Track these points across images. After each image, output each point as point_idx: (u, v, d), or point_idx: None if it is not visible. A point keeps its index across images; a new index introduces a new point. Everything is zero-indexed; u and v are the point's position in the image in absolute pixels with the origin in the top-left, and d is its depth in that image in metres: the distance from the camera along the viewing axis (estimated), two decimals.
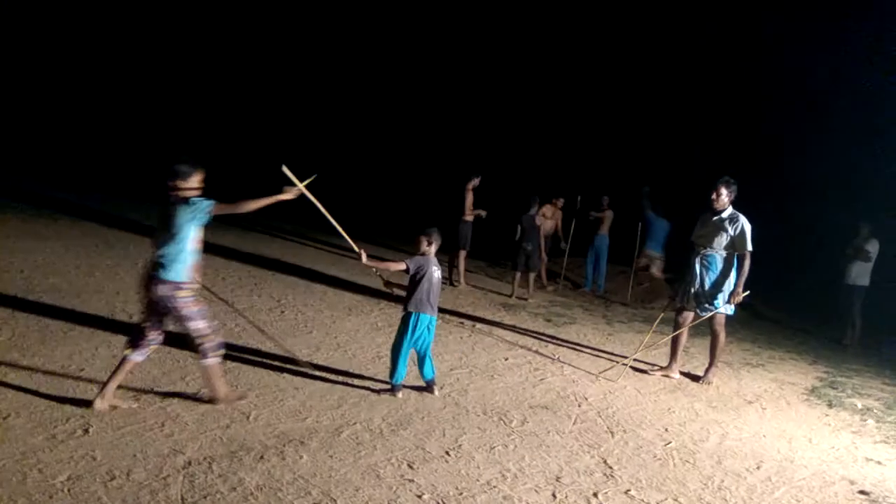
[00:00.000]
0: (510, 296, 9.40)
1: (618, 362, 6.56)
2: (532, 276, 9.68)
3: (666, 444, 4.63)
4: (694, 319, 6.34)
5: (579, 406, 5.21)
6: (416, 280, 4.92)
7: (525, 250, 9.49)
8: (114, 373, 4.10)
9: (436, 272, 5.00)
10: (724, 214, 6.12)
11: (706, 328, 6.53)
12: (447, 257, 9.43)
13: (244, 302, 6.92)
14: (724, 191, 6.11)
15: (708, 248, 6.16)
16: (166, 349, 5.23)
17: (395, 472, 3.74)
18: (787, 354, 8.14)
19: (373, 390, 4.97)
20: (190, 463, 3.56)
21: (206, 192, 4.13)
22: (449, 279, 9.49)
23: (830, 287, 9.88)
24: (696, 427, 5.09)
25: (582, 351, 6.97)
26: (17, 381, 4.30)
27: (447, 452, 4.08)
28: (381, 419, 4.47)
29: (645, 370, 6.46)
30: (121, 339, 5.30)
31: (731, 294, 6.09)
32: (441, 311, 7.85)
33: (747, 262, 6.01)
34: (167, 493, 3.24)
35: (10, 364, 4.55)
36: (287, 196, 4.28)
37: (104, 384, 4.10)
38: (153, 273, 4.01)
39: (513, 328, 7.55)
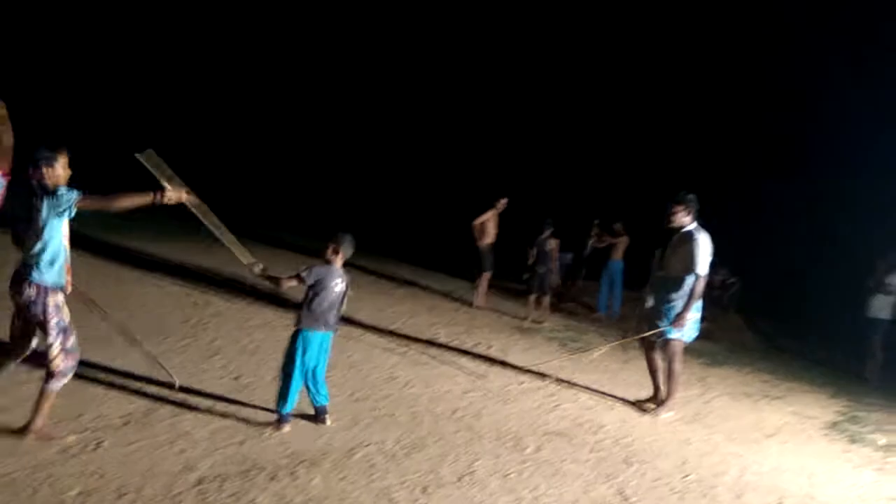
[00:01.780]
0: (525, 318, 9.33)
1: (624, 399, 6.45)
2: (546, 299, 9.62)
3: (684, 477, 4.53)
4: (654, 344, 5.86)
5: (595, 434, 5.12)
6: (312, 292, 4.36)
7: (539, 274, 9.46)
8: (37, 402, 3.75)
9: (338, 285, 4.43)
10: (682, 232, 5.67)
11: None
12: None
13: (258, 318, 6.89)
14: (678, 209, 5.65)
15: (664, 270, 5.77)
16: (182, 359, 5.24)
17: (408, 497, 3.68)
18: (807, 386, 7.99)
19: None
20: (201, 481, 3.52)
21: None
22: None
23: (855, 318, 9.71)
24: (714, 460, 4.98)
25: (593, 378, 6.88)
26: (32, 393, 4.29)
27: (461, 478, 4.02)
28: (393, 442, 4.41)
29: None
30: (137, 351, 5.31)
31: (677, 317, 5.59)
32: (455, 332, 7.82)
33: (698, 284, 5.50)
34: None
35: (27, 373, 4.54)
36: (169, 199, 3.75)
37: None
38: (24, 274, 3.61)
39: (528, 352, 7.48)
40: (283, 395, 4.35)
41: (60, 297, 3.70)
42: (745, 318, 11.89)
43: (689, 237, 5.59)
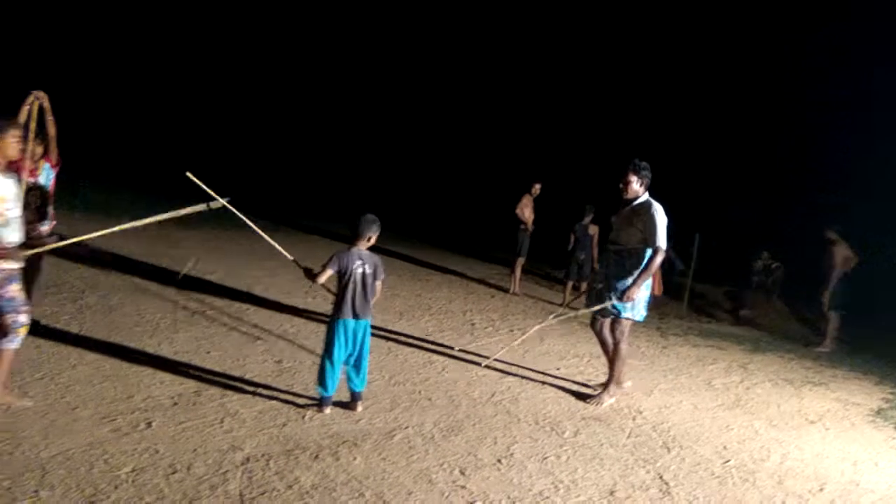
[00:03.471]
0: (562, 305, 9.31)
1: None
2: (585, 286, 9.57)
3: (724, 462, 4.51)
4: (602, 324, 5.46)
5: (633, 419, 5.11)
6: (341, 280, 4.37)
7: (578, 259, 9.41)
8: None
9: (359, 269, 4.38)
10: (635, 204, 5.27)
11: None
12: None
13: (300, 302, 7.03)
14: (632, 177, 5.25)
15: (617, 244, 5.31)
16: (224, 344, 5.39)
17: (447, 478, 3.74)
18: (850, 373, 7.82)
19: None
20: (248, 459, 3.64)
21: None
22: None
23: None
24: (755, 445, 4.93)
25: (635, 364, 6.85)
26: (87, 373, 4.47)
27: (499, 460, 4.06)
28: (432, 424, 4.48)
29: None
30: (184, 336, 5.48)
31: (626, 289, 5.14)
32: (492, 319, 7.85)
33: (657, 258, 5.08)
34: (226, 489, 3.31)
35: (79, 356, 4.73)
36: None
37: None
38: None
39: (564, 337, 7.47)
40: (322, 379, 4.40)
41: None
42: (788, 305, 11.65)
43: (646, 208, 5.19)
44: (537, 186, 9.49)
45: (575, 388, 5.67)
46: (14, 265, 3.77)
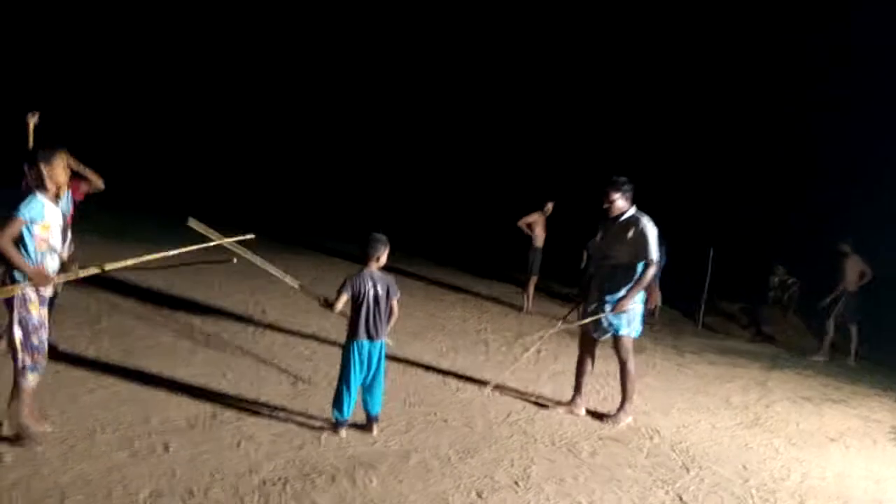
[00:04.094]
0: (572, 322, 9.26)
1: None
2: None
3: (745, 482, 4.45)
4: (594, 344, 5.43)
5: (651, 439, 5.06)
6: (355, 302, 4.39)
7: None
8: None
9: (371, 290, 4.39)
10: (623, 219, 5.24)
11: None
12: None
13: (314, 325, 7.04)
14: (615, 194, 5.20)
15: (609, 260, 5.25)
16: (240, 367, 5.41)
17: (464, 501, 3.72)
18: (870, 390, 7.72)
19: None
20: (265, 483, 3.64)
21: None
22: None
23: None
24: (776, 465, 4.87)
25: (651, 383, 6.80)
26: (104, 396, 4.50)
27: (516, 482, 4.03)
28: (448, 446, 4.46)
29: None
30: (200, 359, 5.50)
31: (618, 301, 5.13)
32: (506, 338, 7.83)
33: (650, 271, 5.09)
34: None
35: (96, 380, 4.76)
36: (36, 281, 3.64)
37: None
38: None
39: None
40: (337, 402, 4.40)
41: (30, 293, 3.66)
42: (805, 321, 11.54)
43: (634, 222, 5.16)
44: (550, 205, 9.50)
45: (591, 407, 5.63)
46: (50, 291, 3.81)
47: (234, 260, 4.69)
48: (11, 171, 5.13)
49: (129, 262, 4.14)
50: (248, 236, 4.69)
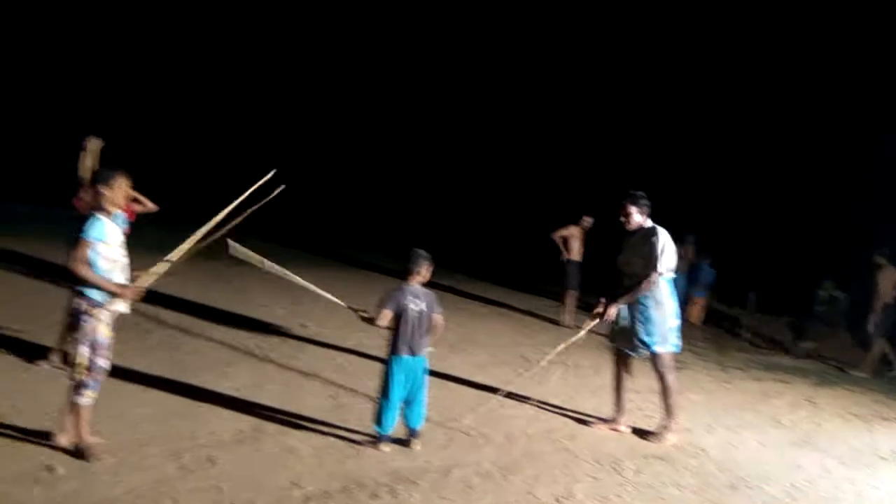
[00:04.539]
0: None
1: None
2: None
3: (794, 503, 4.33)
4: (627, 359, 5.37)
5: (697, 458, 4.96)
6: (397, 319, 4.41)
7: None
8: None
9: (414, 305, 4.43)
10: (641, 232, 5.23)
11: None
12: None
13: (353, 338, 7.09)
14: (632, 209, 5.22)
15: (631, 276, 5.20)
16: (281, 380, 5.47)
17: None
18: None
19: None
20: (308, 497, 3.67)
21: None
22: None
23: None
24: (826, 485, 4.72)
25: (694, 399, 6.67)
26: (153, 410, 4.59)
27: (559, 500, 3.99)
28: (489, 462, 4.44)
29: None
30: (242, 372, 5.58)
31: (607, 306, 5.17)
32: (545, 352, 7.75)
33: (646, 282, 5.05)
34: None
35: (146, 394, 4.86)
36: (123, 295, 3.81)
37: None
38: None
39: None
40: (379, 416, 4.42)
41: (102, 314, 3.77)
42: (853, 336, 11.19)
43: (648, 234, 5.17)
44: (588, 220, 9.40)
45: (634, 424, 5.54)
46: (122, 308, 3.91)
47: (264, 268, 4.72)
48: (64, 191, 5.33)
49: (186, 245, 4.17)
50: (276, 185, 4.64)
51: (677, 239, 10.08)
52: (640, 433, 5.30)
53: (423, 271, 4.50)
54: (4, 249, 8.56)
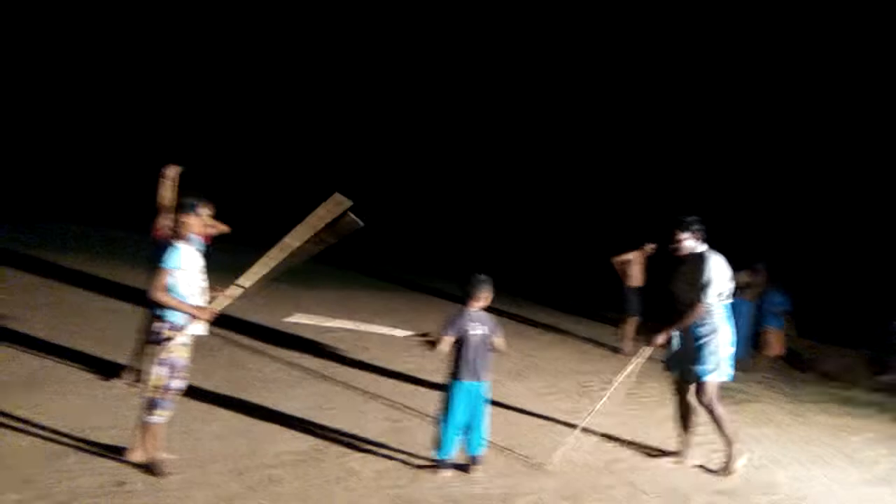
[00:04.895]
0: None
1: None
2: None
3: None
4: (686, 390, 5.19)
5: (767, 495, 4.74)
6: (459, 344, 4.41)
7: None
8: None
9: (476, 330, 4.42)
10: (693, 258, 5.08)
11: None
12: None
13: (413, 362, 7.11)
14: (682, 235, 5.08)
15: (678, 301, 5.10)
16: (341, 402, 5.52)
17: None
18: None
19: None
20: None
21: None
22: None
23: None
24: None
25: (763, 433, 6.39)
26: (219, 428, 4.70)
27: None
28: (551, 491, 4.36)
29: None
30: (304, 392, 5.66)
31: (662, 332, 5.04)
32: (606, 381, 7.60)
33: (692, 311, 4.90)
34: None
35: (211, 412, 4.99)
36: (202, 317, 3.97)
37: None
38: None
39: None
40: (439, 442, 4.42)
41: (177, 336, 3.89)
42: None
43: (700, 261, 5.01)
44: (651, 247, 9.20)
45: (703, 457, 5.34)
46: (200, 330, 4.05)
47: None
48: (143, 218, 5.56)
49: (257, 270, 4.25)
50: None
51: (747, 266, 9.86)
52: (707, 468, 5.11)
53: (485, 296, 4.50)
54: (72, 269, 8.94)
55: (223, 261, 5.97)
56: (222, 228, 5.70)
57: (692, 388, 5.14)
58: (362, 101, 20.60)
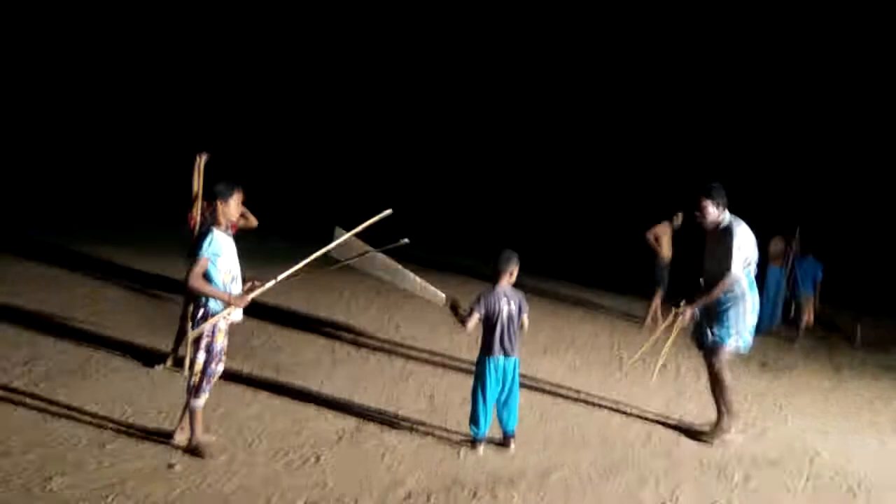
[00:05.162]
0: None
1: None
2: None
3: None
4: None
5: (811, 462, 4.70)
6: (489, 321, 4.43)
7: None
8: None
9: (505, 307, 4.42)
10: (720, 228, 4.99)
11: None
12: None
13: (446, 341, 7.16)
14: (706, 202, 4.97)
15: (708, 274, 5.06)
16: (378, 381, 5.59)
17: None
18: None
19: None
20: (410, 495, 3.74)
21: None
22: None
23: None
24: None
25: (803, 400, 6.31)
26: (259, 410, 4.80)
27: None
28: (588, 464, 4.37)
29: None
30: (341, 374, 5.74)
31: (695, 301, 4.96)
32: (637, 353, 7.56)
33: (722, 282, 4.82)
34: None
35: (252, 394, 5.09)
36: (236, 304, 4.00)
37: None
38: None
39: None
40: (473, 418, 4.46)
41: (216, 322, 3.96)
42: None
43: (729, 230, 4.92)
44: (680, 215, 9.04)
45: (742, 427, 5.30)
46: (237, 317, 4.12)
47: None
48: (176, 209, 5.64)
49: (293, 269, 4.30)
50: (403, 241, 4.63)
51: (779, 232, 9.63)
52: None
53: (512, 270, 4.50)
54: (111, 263, 9.14)
55: (249, 248, 6.06)
56: (252, 221, 5.65)
57: (704, 351, 5.08)
58: (390, 86, 20.65)
